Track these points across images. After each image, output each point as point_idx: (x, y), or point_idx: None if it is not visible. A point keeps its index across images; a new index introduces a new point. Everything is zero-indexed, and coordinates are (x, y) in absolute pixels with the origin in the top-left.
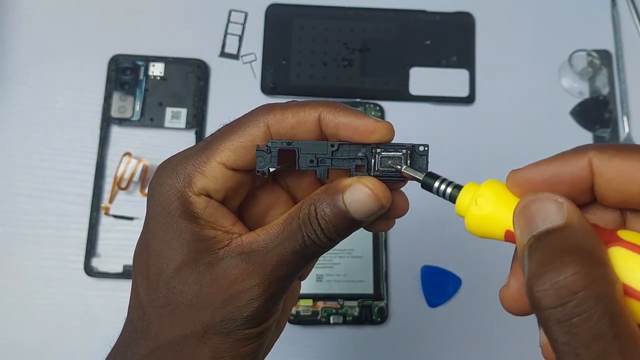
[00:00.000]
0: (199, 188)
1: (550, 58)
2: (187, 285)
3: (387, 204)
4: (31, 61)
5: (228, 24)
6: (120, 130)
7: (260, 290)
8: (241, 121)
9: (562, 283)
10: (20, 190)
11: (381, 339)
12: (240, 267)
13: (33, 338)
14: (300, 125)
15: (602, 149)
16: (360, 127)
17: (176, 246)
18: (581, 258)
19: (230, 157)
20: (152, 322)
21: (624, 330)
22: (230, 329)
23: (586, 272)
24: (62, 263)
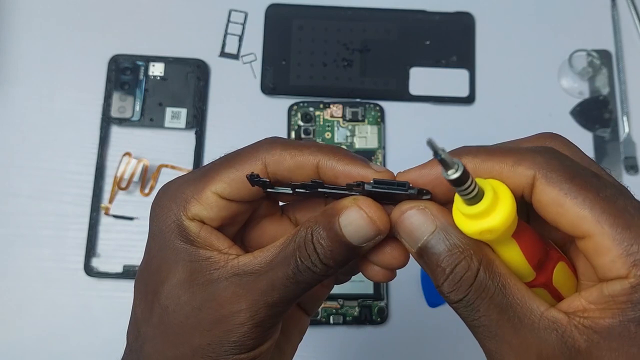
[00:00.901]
0: (193, 214)
1: (550, 58)
2: (180, 306)
3: (384, 229)
4: (31, 61)
5: (228, 24)
6: (120, 130)
7: (247, 315)
8: (241, 154)
9: (461, 280)
10: (20, 191)
11: (381, 339)
12: (230, 289)
13: (33, 338)
14: (297, 169)
15: (474, 153)
16: (358, 178)
17: (172, 266)
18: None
19: (225, 189)
20: (146, 343)
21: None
22: (218, 354)
23: (470, 264)
24: (62, 263)
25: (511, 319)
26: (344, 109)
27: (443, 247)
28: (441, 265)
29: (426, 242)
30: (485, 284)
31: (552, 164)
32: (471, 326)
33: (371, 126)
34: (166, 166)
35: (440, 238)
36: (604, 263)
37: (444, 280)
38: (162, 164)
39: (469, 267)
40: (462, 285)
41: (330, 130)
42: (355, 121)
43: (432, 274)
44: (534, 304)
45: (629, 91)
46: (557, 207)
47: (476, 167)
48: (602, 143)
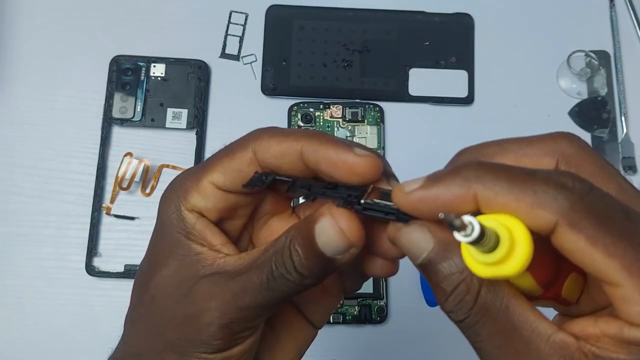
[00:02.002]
0: (191, 204)
1: (548, 59)
2: (165, 297)
3: (356, 241)
4: (32, 62)
5: (229, 25)
6: (122, 130)
7: (215, 314)
8: (234, 144)
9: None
10: (21, 190)
11: (381, 338)
12: (205, 287)
13: (34, 337)
14: (283, 156)
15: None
16: (339, 163)
17: (167, 257)
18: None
19: (220, 178)
20: (131, 330)
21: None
22: (186, 350)
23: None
24: (63, 263)
25: (515, 344)
26: (343, 110)
27: (442, 266)
28: (441, 285)
29: (425, 259)
30: (488, 306)
31: (579, 205)
32: (475, 348)
33: (371, 127)
34: (167, 166)
35: (439, 256)
36: (630, 312)
37: (445, 300)
38: (163, 164)
39: (469, 290)
40: (462, 307)
41: (330, 131)
42: (355, 122)
43: (434, 291)
44: (540, 327)
45: (627, 92)
46: (584, 256)
47: (489, 201)
48: (600, 143)
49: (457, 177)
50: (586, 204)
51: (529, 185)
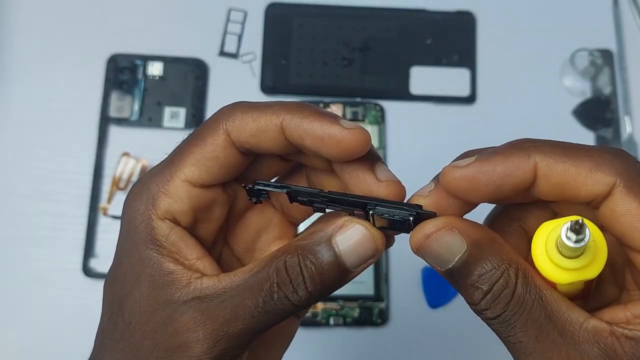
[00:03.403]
0: (162, 211)
1: (551, 57)
2: (141, 324)
3: (382, 249)
4: (28, 60)
5: (227, 23)
6: (119, 130)
7: (204, 346)
8: (202, 129)
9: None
10: (17, 190)
11: (381, 340)
12: (188, 314)
13: (30, 339)
14: (261, 133)
15: (547, 152)
16: (325, 138)
17: (137, 277)
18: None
19: (194, 173)
20: (106, 355)
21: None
22: None
23: (508, 277)
24: (59, 264)
25: (550, 334)
26: (344, 109)
27: (476, 266)
28: (476, 284)
29: (459, 262)
30: (523, 298)
31: (633, 171)
32: (507, 342)
33: (371, 126)
34: None
35: (474, 256)
36: None
37: (481, 298)
38: None
39: (507, 284)
40: (500, 303)
41: None
42: (356, 120)
43: (466, 292)
44: (572, 315)
45: (631, 91)
46: (634, 219)
47: (550, 170)
48: (604, 143)
49: (515, 149)
50: (637, 167)
51: (586, 152)
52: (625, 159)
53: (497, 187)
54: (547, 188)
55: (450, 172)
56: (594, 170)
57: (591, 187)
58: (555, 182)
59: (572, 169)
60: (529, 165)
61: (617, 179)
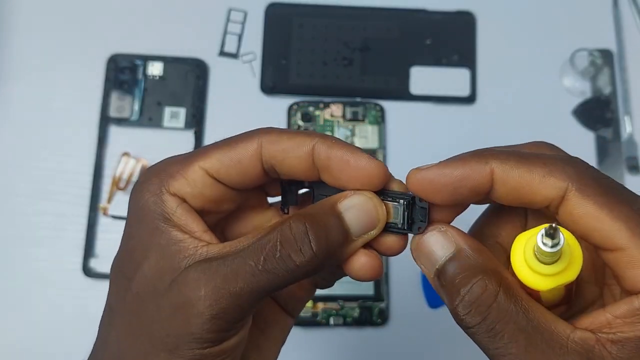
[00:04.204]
0: (175, 189)
1: (551, 57)
2: (148, 293)
3: (383, 220)
4: (28, 60)
5: (227, 23)
6: (119, 130)
7: (206, 303)
8: (238, 136)
9: (478, 300)
10: (17, 190)
11: (381, 340)
12: (191, 276)
13: (30, 339)
14: (292, 150)
15: (503, 159)
16: (351, 163)
17: (146, 249)
18: (481, 274)
19: (214, 165)
20: (112, 331)
21: (535, 317)
22: (177, 346)
23: (488, 285)
24: (60, 264)
25: (539, 344)
26: (344, 109)
27: (460, 269)
28: (457, 286)
29: (444, 263)
30: (507, 308)
31: (584, 176)
32: (493, 355)
33: (371, 126)
34: None
35: (458, 259)
36: (636, 275)
37: (459, 301)
38: None
39: (487, 288)
40: (479, 306)
41: (330, 130)
42: (356, 121)
43: (448, 296)
44: (559, 327)
45: (631, 91)
46: (592, 220)
47: (506, 175)
48: (603, 143)
49: (474, 155)
50: (590, 174)
51: (540, 160)
52: (578, 165)
53: (455, 189)
54: (504, 192)
55: (414, 174)
56: (547, 176)
57: (545, 192)
58: (512, 187)
59: (526, 175)
60: (486, 170)
61: (569, 184)
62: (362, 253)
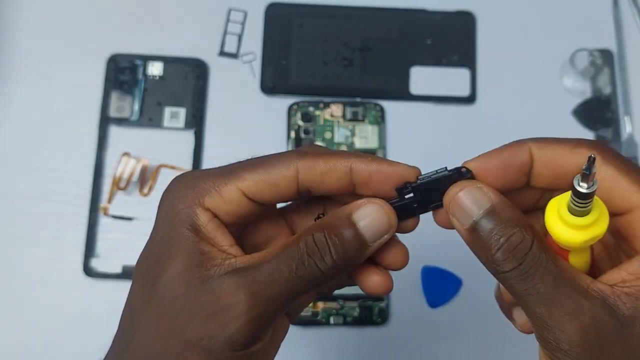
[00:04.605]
0: (210, 204)
1: (551, 57)
2: (175, 298)
3: (395, 224)
4: (28, 61)
5: (227, 23)
6: (119, 130)
7: (245, 307)
8: (272, 158)
9: (516, 249)
10: (18, 190)
11: (381, 339)
12: (227, 283)
13: (31, 339)
14: (330, 173)
15: (538, 140)
16: (392, 173)
17: (173, 256)
18: (517, 227)
19: (251, 187)
20: (137, 333)
21: (562, 266)
22: (210, 349)
23: (525, 235)
24: (60, 264)
25: (564, 287)
26: (344, 109)
27: (498, 221)
28: (495, 236)
29: (481, 216)
30: (539, 256)
31: (607, 148)
32: (522, 294)
33: (371, 126)
34: (165, 166)
35: (495, 213)
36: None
37: (498, 249)
38: (161, 164)
39: (524, 238)
40: (517, 254)
41: (331, 130)
42: (356, 121)
43: (484, 247)
44: (580, 278)
45: (631, 91)
46: (612, 181)
47: (542, 151)
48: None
49: (513, 142)
50: (612, 149)
51: (567, 139)
52: (599, 142)
53: (505, 170)
54: (541, 167)
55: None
56: (575, 148)
57: (575, 160)
58: (547, 161)
59: (558, 148)
60: (526, 150)
61: (594, 152)
62: (374, 272)
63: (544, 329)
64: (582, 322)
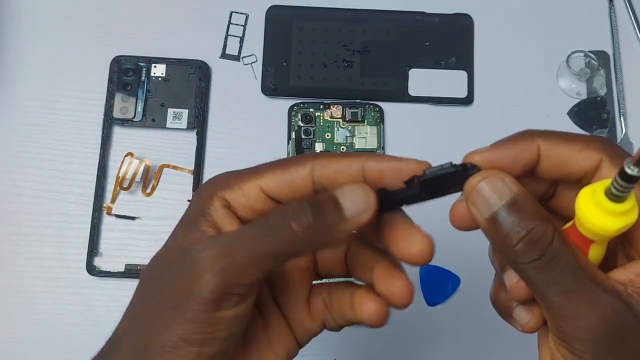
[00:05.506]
0: (230, 197)
1: (548, 59)
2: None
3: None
4: (33, 62)
5: (229, 26)
6: (122, 130)
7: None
8: (290, 159)
9: (538, 241)
10: (22, 190)
11: (381, 338)
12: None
13: (35, 337)
14: (343, 171)
15: (547, 137)
16: (403, 168)
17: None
18: (539, 218)
19: (269, 185)
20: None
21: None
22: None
23: (546, 226)
24: (64, 262)
25: (584, 280)
26: (343, 110)
27: (519, 212)
28: (516, 227)
29: (502, 207)
30: (559, 249)
31: (615, 150)
32: (541, 285)
33: (371, 127)
34: (168, 166)
35: (517, 205)
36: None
37: (519, 240)
38: (163, 164)
39: (546, 231)
40: (539, 246)
41: (330, 131)
42: (355, 122)
43: (504, 238)
44: (597, 273)
45: (626, 92)
46: None
47: (550, 150)
48: None
49: (521, 135)
50: (619, 149)
51: (577, 136)
52: (609, 142)
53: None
54: (548, 165)
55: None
56: (584, 149)
57: (583, 163)
58: (554, 160)
59: (567, 149)
60: (534, 147)
61: (602, 155)
62: (371, 300)
63: (563, 319)
64: (603, 312)
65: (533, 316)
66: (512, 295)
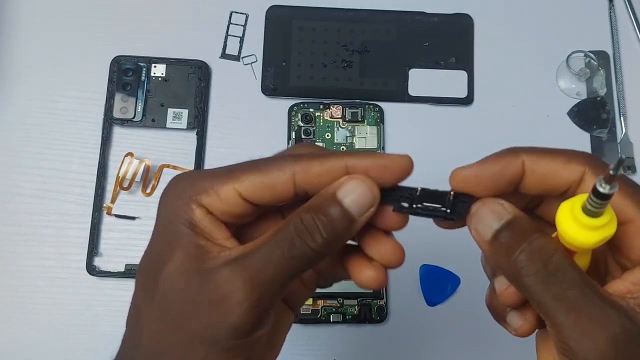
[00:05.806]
0: (206, 203)
1: (548, 59)
2: (177, 292)
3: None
4: (33, 62)
5: (229, 26)
6: (122, 130)
7: (244, 294)
8: (269, 162)
9: (539, 250)
10: (22, 190)
11: (381, 337)
12: (224, 273)
13: (35, 337)
14: (326, 174)
15: (531, 152)
16: (389, 165)
17: (172, 251)
18: (538, 234)
19: (247, 189)
20: (145, 330)
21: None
22: (215, 339)
23: (547, 239)
24: (64, 262)
25: (590, 294)
26: (343, 110)
27: (518, 229)
28: (517, 241)
29: (502, 226)
30: (563, 261)
31: (597, 162)
32: (547, 301)
33: (370, 127)
34: (168, 166)
35: (516, 223)
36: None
37: (521, 252)
38: (163, 164)
39: (547, 242)
40: (541, 255)
41: (330, 131)
42: (355, 122)
43: (505, 253)
44: (600, 288)
45: (626, 92)
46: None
47: (534, 164)
48: (599, 144)
49: (507, 152)
50: (602, 162)
51: (560, 151)
52: (592, 156)
53: (496, 181)
54: (532, 180)
55: (459, 171)
56: (567, 163)
57: (567, 176)
58: (539, 174)
59: (551, 162)
60: (518, 162)
61: (586, 167)
62: (368, 267)
63: (570, 338)
64: (612, 332)
65: (525, 321)
66: (502, 301)
